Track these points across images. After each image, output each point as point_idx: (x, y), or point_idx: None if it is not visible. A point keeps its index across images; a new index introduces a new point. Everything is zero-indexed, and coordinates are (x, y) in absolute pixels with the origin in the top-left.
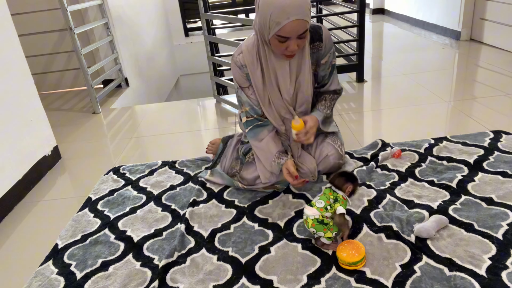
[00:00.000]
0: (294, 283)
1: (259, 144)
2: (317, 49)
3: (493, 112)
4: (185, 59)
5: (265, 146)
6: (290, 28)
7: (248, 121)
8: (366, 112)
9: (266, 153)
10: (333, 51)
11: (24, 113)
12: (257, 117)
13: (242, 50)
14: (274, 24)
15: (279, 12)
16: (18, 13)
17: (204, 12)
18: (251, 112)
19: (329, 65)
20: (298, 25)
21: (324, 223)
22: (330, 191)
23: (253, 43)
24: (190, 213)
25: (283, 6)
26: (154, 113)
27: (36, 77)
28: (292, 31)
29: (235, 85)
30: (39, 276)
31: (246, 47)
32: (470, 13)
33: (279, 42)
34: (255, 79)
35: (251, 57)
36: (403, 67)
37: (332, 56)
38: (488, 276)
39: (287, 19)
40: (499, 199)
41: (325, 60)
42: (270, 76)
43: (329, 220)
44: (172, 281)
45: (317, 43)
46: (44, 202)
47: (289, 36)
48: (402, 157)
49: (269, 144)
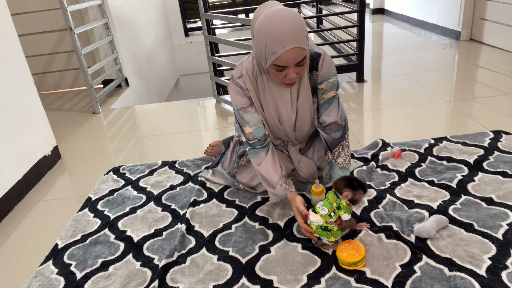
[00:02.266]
0: (294, 283)
1: (258, 168)
2: (313, 79)
3: (493, 112)
4: (185, 59)
5: (265, 173)
6: (286, 57)
7: (248, 143)
8: (366, 112)
9: (268, 180)
10: (333, 81)
11: (24, 113)
12: (259, 139)
13: (242, 74)
14: (270, 53)
15: (274, 42)
16: (18, 13)
17: (204, 12)
18: (255, 133)
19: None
20: (294, 53)
21: (328, 229)
22: (334, 196)
23: (253, 67)
24: (191, 213)
25: (278, 35)
26: (154, 113)
27: (36, 77)
28: (289, 60)
29: (234, 107)
30: (39, 276)
31: (246, 71)
32: (470, 13)
33: (277, 71)
34: (256, 103)
35: (251, 81)
36: (403, 67)
37: (331, 86)
38: (488, 276)
39: (283, 48)
40: (499, 199)
41: (321, 87)
42: (269, 106)
43: (333, 226)
44: (172, 281)
45: (314, 72)
46: (44, 202)
47: (286, 65)
48: (402, 157)
49: (268, 171)
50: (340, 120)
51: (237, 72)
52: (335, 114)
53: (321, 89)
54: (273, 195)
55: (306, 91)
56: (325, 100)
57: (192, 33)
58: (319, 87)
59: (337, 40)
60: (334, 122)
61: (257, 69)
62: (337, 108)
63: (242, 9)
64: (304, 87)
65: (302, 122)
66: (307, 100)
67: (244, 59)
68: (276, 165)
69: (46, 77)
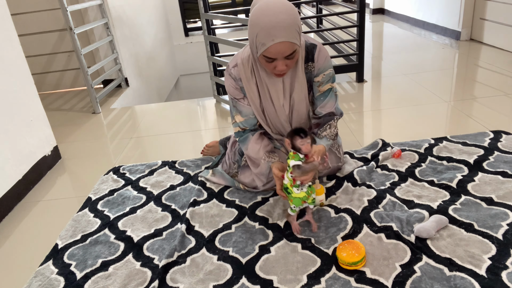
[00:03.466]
0: (294, 283)
1: (247, 152)
2: (309, 70)
3: (493, 112)
4: (185, 59)
5: (252, 152)
6: (275, 50)
7: (238, 132)
8: (366, 112)
9: (254, 160)
10: (329, 73)
11: (24, 113)
12: (249, 129)
13: (237, 63)
14: (260, 44)
15: (265, 34)
16: (18, 13)
17: (204, 12)
18: (245, 123)
19: (320, 83)
20: (283, 47)
21: (288, 192)
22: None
23: (248, 56)
24: (191, 213)
25: (268, 27)
26: (154, 113)
27: (36, 77)
28: (278, 53)
29: (229, 96)
30: (39, 276)
31: (241, 60)
32: (470, 13)
33: (266, 62)
34: (250, 93)
35: (245, 71)
36: (403, 67)
37: (327, 78)
38: (488, 276)
39: (272, 41)
40: (499, 199)
41: (317, 79)
42: (265, 91)
43: (291, 190)
44: (172, 281)
45: (310, 63)
46: (44, 202)
47: (275, 57)
48: (402, 157)
49: (254, 149)
50: (335, 113)
51: (232, 62)
52: (331, 106)
53: (317, 81)
54: (259, 175)
55: (301, 83)
56: (321, 93)
57: (192, 33)
58: (315, 80)
59: (337, 40)
60: (330, 112)
61: (252, 57)
62: (334, 100)
63: (242, 9)
64: (299, 79)
65: (298, 114)
66: (302, 92)
67: (242, 48)
68: (262, 142)
69: (46, 77)
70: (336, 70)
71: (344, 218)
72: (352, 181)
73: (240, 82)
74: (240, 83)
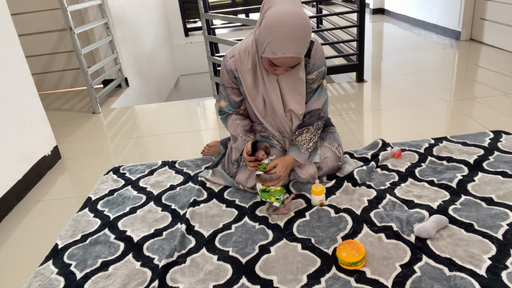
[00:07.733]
0: (294, 283)
1: (228, 129)
2: (305, 65)
3: (493, 112)
4: (185, 59)
5: (232, 129)
6: (283, 61)
7: (220, 111)
8: (366, 112)
9: (233, 134)
10: (322, 70)
11: (24, 113)
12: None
13: (234, 54)
14: (270, 51)
15: (278, 45)
16: (18, 13)
17: (204, 12)
18: (228, 108)
19: (313, 81)
20: (291, 60)
21: (266, 191)
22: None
23: (246, 48)
24: (191, 213)
25: (283, 41)
26: (154, 113)
27: (36, 77)
28: (284, 64)
29: (220, 80)
30: (39, 276)
31: (239, 51)
32: (470, 13)
33: (268, 64)
34: (246, 84)
35: (242, 62)
36: (403, 67)
37: (320, 75)
38: (488, 276)
39: (283, 54)
40: (499, 199)
41: (311, 77)
42: (263, 84)
43: (270, 188)
44: (172, 281)
45: (306, 58)
46: (44, 202)
47: (280, 66)
48: (402, 157)
49: (233, 125)
50: (322, 112)
51: (230, 52)
52: (320, 102)
53: (311, 79)
54: (235, 149)
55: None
56: (312, 89)
57: (192, 33)
58: (309, 77)
59: (337, 40)
60: (317, 109)
61: (253, 49)
62: (323, 97)
63: (242, 9)
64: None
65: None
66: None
67: (244, 39)
68: (241, 122)
69: (46, 77)
70: (336, 70)
71: (344, 218)
72: (352, 181)
73: (236, 72)
74: (236, 73)
